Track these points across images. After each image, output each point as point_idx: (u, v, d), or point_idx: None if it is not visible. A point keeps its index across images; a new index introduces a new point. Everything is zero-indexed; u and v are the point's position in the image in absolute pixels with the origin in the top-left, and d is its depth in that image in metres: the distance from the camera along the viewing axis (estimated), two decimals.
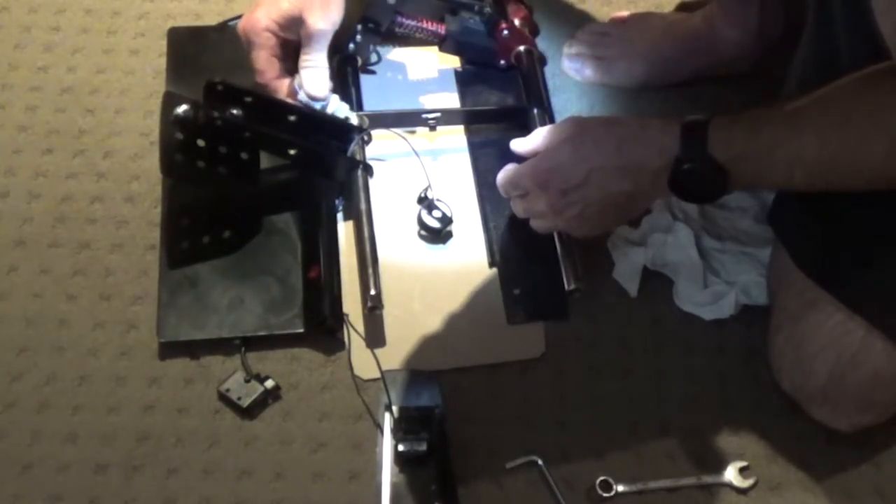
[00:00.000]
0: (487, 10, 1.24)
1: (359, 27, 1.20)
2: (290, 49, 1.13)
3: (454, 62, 1.29)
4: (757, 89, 1.21)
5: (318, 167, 1.13)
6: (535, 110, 1.20)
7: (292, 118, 1.11)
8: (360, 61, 1.24)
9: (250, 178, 1.13)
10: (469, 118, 1.23)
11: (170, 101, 1.10)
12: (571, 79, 1.29)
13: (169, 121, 1.09)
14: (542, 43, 1.31)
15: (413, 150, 1.19)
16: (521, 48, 1.24)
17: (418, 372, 1.04)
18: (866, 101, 0.87)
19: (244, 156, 1.12)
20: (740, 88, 1.25)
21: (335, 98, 1.13)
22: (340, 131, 1.13)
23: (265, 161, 1.15)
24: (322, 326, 1.07)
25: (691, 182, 0.94)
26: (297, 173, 1.15)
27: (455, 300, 1.11)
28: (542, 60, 1.29)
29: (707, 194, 0.96)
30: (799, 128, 0.90)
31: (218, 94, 1.10)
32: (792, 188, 0.95)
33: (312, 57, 1.11)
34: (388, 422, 0.99)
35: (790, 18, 1.19)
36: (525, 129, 1.19)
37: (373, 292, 1.05)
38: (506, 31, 1.24)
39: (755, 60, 1.24)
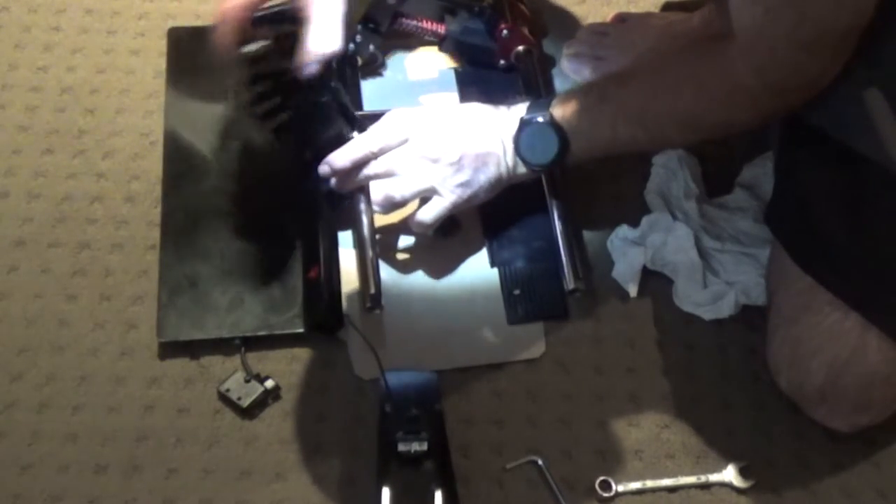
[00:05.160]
0: (487, 10, 1.24)
1: (359, 27, 1.20)
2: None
3: (454, 62, 1.29)
4: None
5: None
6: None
7: (324, 98, 1.09)
8: (360, 61, 1.24)
9: (287, 141, 1.11)
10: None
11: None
12: (571, 79, 1.29)
13: (241, 54, 1.04)
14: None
15: None
16: (521, 48, 1.24)
17: (418, 372, 1.04)
18: (684, 54, 1.02)
19: (285, 115, 1.09)
20: None
21: None
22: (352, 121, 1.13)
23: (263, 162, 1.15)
24: (322, 326, 1.07)
25: (531, 137, 1.04)
26: (298, 172, 1.15)
27: (455, 300, 1.11)
28: (551, 62, 1.29)
29: (547, 151, 1.04)
30: (624, 81, 1.03)
31: (286, 48, 1.05)
32: (618, 146, 1.04)
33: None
34: (387, 422, 0.99)
35: None
36: None
37: (372, 292, 1.05)
38: (506, 31, 1.24)
39: None
